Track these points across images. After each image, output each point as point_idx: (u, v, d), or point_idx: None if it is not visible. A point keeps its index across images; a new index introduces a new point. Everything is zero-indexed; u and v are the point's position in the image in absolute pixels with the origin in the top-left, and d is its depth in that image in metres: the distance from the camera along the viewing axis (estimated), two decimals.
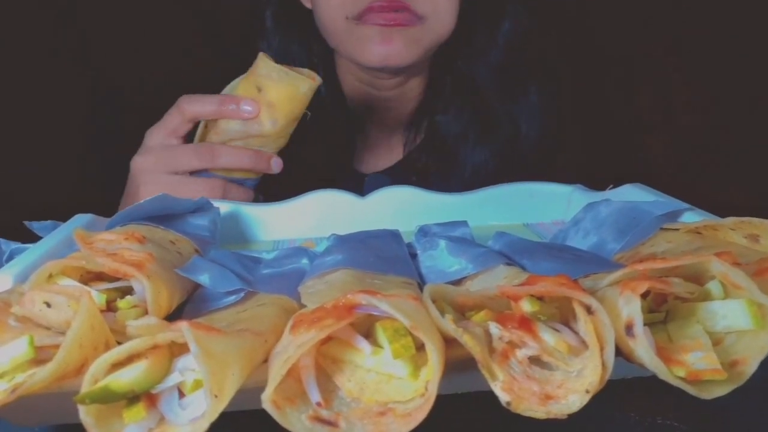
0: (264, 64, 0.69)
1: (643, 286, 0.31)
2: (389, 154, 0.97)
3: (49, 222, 0.54)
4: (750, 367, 0.30)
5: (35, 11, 0.89)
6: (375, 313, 0.32)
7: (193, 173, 0.71)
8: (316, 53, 0.88)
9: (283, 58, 0.81)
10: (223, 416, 0.29)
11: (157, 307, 0.38)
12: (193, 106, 0.68)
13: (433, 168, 0.91)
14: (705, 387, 0.29)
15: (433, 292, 0.35)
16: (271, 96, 0.69)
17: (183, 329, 0.29)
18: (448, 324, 0.31)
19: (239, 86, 0.71)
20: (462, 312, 0.36)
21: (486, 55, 0.87)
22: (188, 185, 0.69)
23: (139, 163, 0.69)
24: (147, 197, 0.53)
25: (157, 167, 0.69)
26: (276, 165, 0.73)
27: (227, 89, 0.73)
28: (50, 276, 0.38)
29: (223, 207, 0.65)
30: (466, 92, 0.89)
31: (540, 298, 0.34)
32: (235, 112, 0.68)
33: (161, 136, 0.70)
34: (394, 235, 0.55)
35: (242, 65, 0.70)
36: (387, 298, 0.31)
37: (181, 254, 0.48)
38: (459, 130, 0.89)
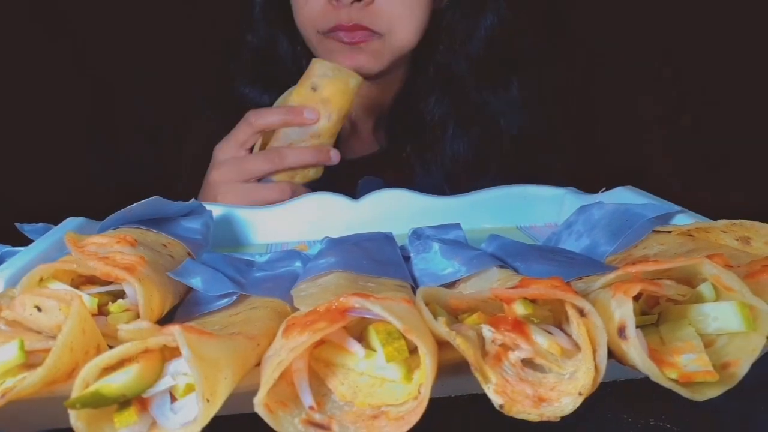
0: (320, 65, 0.76)
1: (636, 289, 0.31)
2: (373, 140, 0.98)
3: (40, 225, 0.53)
4: (741, 369, 0.30)
5: (32, 14, 0.89)
6: (367, 316, 0.32)
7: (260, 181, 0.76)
8: (300, 42, 0.90)
9: (269, 47, 0.88)
10: (216, 420, 0.29)
11: (149, 310, 0.38)
12: (261, 119, 0.75)
13: (415, 155, 0.93)
14: (697, 389, 0.29)
15: (426, 295, 0.35)
16: (326, 92, 0.75)
17: (175, 333, 0.28)
18: (441, 327, 0.31)
19: (293, 93, 0.77)
20: (455, 315, 0.36)
21: (466, 47, 0.89)
22: (260, 191, 0.74)
23: (215, 176, 0.75)
24: None
25: (231, 177, 0.74)
26: (335, 156, 0.77)
27: (281, 100, 0.79)
28: (41, 280, 0.38)
29: (216, 210, 0.65)
30: (447, 82, 0.91)
31: (533, 301, 0.34)
32: (300, 119, 0.74)
33: (232, 149, 0.76)
34: (387, 238, 0.55)
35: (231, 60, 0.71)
36: (380, 300, 0.31)
37: (173, 257, 0.47)
38: (439, 117, 0.92)
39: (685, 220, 0.51)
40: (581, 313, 0.31)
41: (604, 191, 0.65)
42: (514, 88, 0.90)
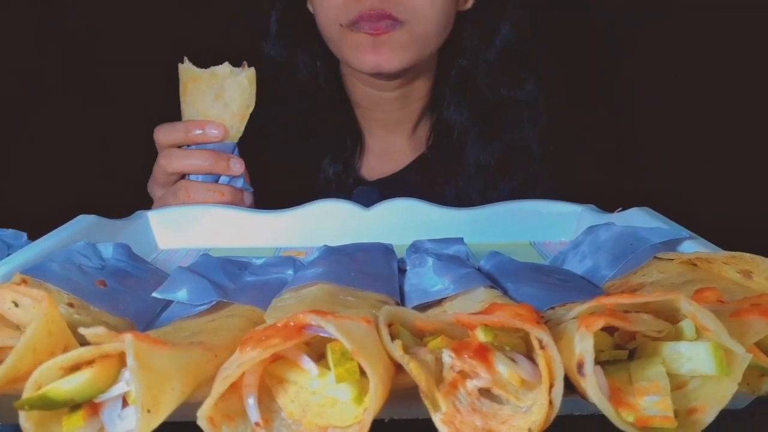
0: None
1: (599, 323, 0.29)
2: (397, 158, 0.96)
3: (10, 231, 0.55)
4: (707, 417, 0.28)
5: (31, 10, 0.92)
6: (324, 335, 0.31)
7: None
8: (320, 57, 0.89)
9: (287, 62, 0.87)
10: (181, 426, 0.29)
11: None
12: (164, 137, 0.71)
13: (441, 170, 0.91)
14: None
15: (390, 315, 0.34)
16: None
17: (126, 341, 0.29)
18: (396, 350, 0.31)
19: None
20: (422, 336, 0.35)
21: (487, 51, 0.87)
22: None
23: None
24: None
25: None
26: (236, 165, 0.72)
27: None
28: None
29: (227, 212, 0.66)
30: (468, 90, 0.89)
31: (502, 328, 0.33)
32: (203, 137, 0.70)
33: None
34: (386, 250, 0.55)
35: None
36: (336, 319, 0.31)
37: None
38: (461, 124, 0.90)
39: (692, 247, 0.48)
40: (541, 344, 0.30)
41: (620, 211, 0.63)
42: (535, 95, 0.88)
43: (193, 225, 0.67)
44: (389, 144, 0.96)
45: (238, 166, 0.71)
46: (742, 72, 1.01)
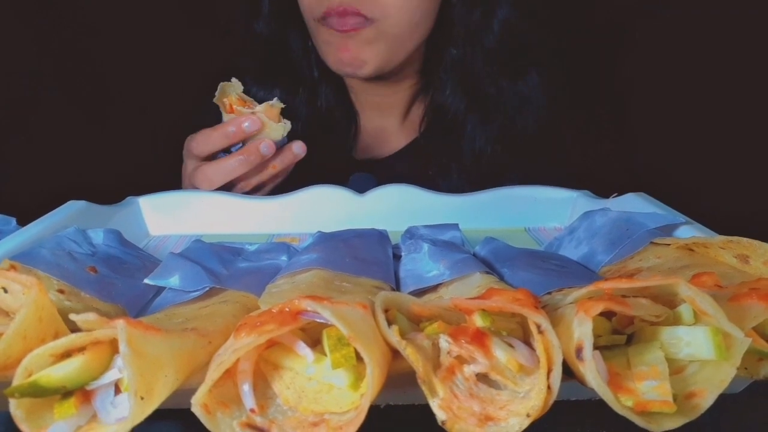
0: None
1: (598, 308, 0.29)
2: (391, 140, 0.96)
3: None
4: (706, 401, 0.28)
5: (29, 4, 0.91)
6: (319, 320, 0.31)
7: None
8: (310, 38, 0.87)
9: (278, 43, 0.87)
10: (176, 413, 0.29)
11: None
12: (201, 148, 0.70)
13: (435, 152, 0.90)
14: (654, 418, 0.28)
15: (387, 301, 0.34)
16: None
17: (118, 327, 0.28)
18: (393, 336, 0.30)
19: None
20: (418, 322, 0.34)
21: (479, 39, 0.86)
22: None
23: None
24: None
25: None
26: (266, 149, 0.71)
27: None
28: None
29: (218, 198, 0.65)
30: (462, 75, 0.88)
31: (499, 313, 0.33)
32: (242, 134, 0.69)
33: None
34: (380, 236, 0.54)
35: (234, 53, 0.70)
36: (332, 305, 0.30)
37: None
38: (457, 111, 0.89)
39: (688, 232, 0.48)
40: (539, 329, 0.30)
41: (615, 197, 0.62)
42: (532, 82, 0.87)
43: (185, 211, 0.66)
44: (383, 126, 0.95)
45: (267, 149, 0.69)
46: (738, 60, 1.01)
